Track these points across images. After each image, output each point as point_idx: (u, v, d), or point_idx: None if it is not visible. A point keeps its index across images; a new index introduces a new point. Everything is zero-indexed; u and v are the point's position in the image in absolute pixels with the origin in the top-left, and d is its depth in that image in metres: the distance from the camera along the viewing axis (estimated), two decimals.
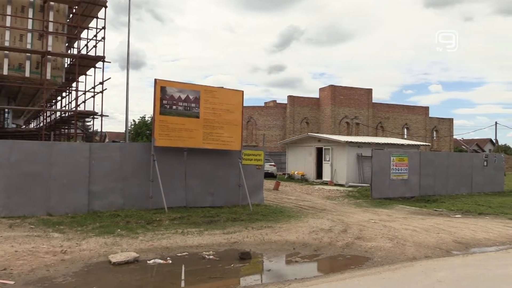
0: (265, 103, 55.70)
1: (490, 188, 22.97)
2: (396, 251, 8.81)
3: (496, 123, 50.65)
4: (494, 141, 57.91)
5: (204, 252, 8.30)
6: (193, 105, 13.25)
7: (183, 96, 13.12)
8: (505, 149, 74.93)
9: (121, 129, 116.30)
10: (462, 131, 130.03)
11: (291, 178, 29.27)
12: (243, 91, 14.39)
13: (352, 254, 8.69)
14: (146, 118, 49.21)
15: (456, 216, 14.35)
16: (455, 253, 8.91)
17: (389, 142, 29.07)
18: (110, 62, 36.00)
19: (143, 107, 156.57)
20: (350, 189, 22.16)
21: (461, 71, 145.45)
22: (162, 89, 12.86)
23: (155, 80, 12.88)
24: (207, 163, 13.84)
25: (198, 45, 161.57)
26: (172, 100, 12.95)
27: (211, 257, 8.05)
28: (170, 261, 7.74)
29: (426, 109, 54.28)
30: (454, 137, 57.68)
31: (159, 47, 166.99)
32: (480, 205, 16.87)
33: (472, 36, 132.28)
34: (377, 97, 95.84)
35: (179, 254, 8.24)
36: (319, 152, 27.56)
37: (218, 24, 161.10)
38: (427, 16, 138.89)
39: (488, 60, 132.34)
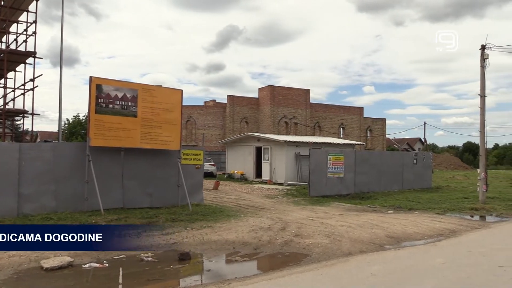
0: (205, 102, 55.45)
1: (419, 184, 24.17)
2: (332, 247, 9.08)
3: (424, 123, 53.67)
4: (423, 140, 61.14)
5: (142, 254, 8.14)
6: (130, 104, 12.94)
7: (120, 95, 12.76)
8: (432, 147, 79.51)
9: (54, 128, 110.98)
10: (394, 130, 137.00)
11: (231, 177, 29.32)
12: (182, 90, 14.26)
13: (291, 251, 8.87)
14: (81, 117, 47.27)
15: (389, 212, 15.01)
16: (387, 247, 9.33)
17: (326, 141, 29.87)
18: (41, 58, 34.31)
19: (77, 105, 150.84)
20: (288, 187, 22.56)
21: (392, 74, 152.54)
22: (97, 87, 12.44)
23: (90, 77, 12.44)
24: (145, 163, 13.56)
25: (135, 42, 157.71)
26: (108, 98, 12.56)
27: (149, 259, 7.92)
28: (107, 265, 7.53)
29: (360, 109, 56.29)
30: (387, 136, 60.32)
31: (94, 43, 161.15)
32: (410, 201, 17.74)
33: (403, 40, 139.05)
34: (314, 98, 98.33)
35: (116, 257, 8.03)
36: (259, 151, 27.83)
37: (156, 22, 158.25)
38: (360, 20, 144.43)
39: (418, 63, 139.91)
